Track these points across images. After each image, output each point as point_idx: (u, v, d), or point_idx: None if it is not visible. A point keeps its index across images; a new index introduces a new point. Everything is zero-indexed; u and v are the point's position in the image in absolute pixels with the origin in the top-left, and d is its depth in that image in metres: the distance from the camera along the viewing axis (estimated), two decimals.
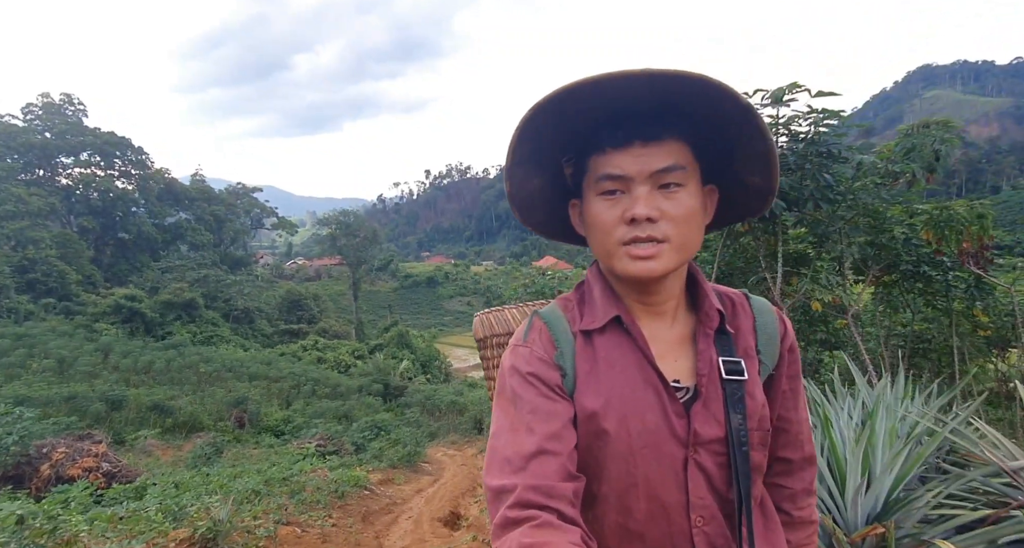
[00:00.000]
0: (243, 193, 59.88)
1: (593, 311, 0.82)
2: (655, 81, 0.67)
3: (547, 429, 0.72)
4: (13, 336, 22.71)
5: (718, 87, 0.68)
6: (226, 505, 2.74)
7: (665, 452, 0.76)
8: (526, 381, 0.76)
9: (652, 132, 0.73)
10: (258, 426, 18.72)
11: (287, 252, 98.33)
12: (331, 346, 36.25)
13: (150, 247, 47.04)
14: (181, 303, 35.86)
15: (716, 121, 0.74)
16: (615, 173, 0.73)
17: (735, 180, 0.81)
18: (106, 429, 13.71)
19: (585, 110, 0.72)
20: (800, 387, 0.89)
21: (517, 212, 0.85)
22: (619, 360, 0.79)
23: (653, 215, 0.72)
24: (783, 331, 0.85)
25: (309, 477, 5.57)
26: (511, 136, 0.74)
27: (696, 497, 0.76)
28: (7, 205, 34.76)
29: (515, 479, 0.68)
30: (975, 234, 3.37)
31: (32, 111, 45.48)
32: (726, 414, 0.77)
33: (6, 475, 4.97)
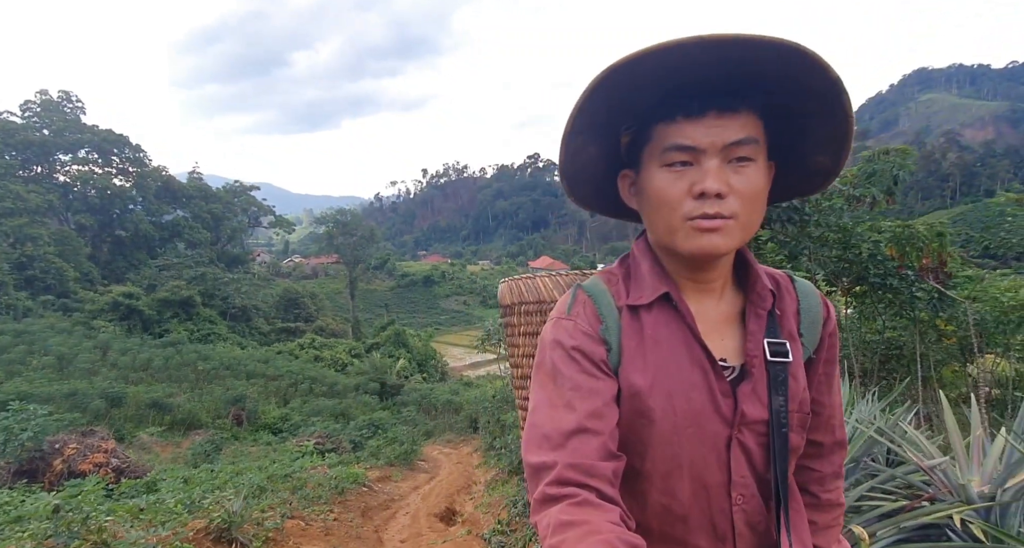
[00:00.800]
0: (240, 191, 59.93)
1: (641, 286, 0.80)
2: (739, 47, 0.63)
3: (588, 406, 0.70)
4: (13, 333, 22.85)
5: (810, 56, 0.64)
6: (239, 498, 2.97)
7: (709, 432, 0.76)
8: (569, 356, 0.75)
9: (729, 102, 0.69)
10: (256, 424, 18.92)
11: (284, 250, 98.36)
12: (328, 344, 36.40)
13: (147, 245, 47.10)
14: (178, 301, 35.95)
15: (797, 94, 0.70)
16: (686, 144, 0.70)
17: (798, 158, 0.79)
18: (106, 426, 13.89)
19: (656, 77, 0.68)
20: (835, 372, 0.88)
21: (565, 183, 0.83)
22: (666, 337, 0.77)
23: (723, 190, 0.69)
24: (826, 315, 0.85)
25: (310, 474, 5.78)
26: (576, 101, 0.70)
27: (738, 476, 0.77)
28: (5, 202, 34.82)
29: (555, 456, 0.67)
30: (935, 251, 3.61)
31: (30, 108, 45.50)
32: (769, 396, 0.77)
33: (20, 470, 5.18)
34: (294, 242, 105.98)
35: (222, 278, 42.64)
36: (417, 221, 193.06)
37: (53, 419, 5.88)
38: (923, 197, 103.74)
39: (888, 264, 3.81)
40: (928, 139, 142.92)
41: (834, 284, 4.17)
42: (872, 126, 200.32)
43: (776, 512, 0.77)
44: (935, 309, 3.98)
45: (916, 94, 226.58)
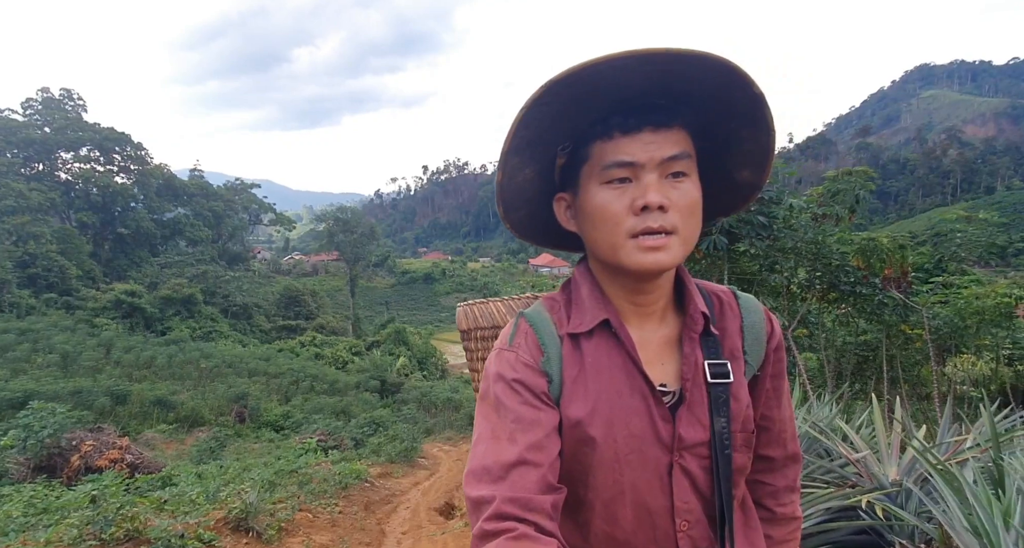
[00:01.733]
0: (241, 189, 60.15)
1: (581, 313, 0.80)
2: (671, 61, 0.64)
3: (529, 439, 0.71)
4: (17, 331, 23.09)
5: (736, 72, 0.66)
6: (254, 491, 3.22)
7: (650, 457, 0.76)
8: (510, 388, 0.75)
9: (663, 118, 0.71)
10: (258, 421, 19.19)
11: (284, 247, 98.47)
12: (329, 342, 36.62)
13: (149, 242, 47.35)
14: (180, 299, 36.25)
15: (721, 109, 0.72)
16: (625, 160, 0.70)
17: (723, 173, 0.80)
18: (112, 423, 14.15)
19: (590, 94, 0.68)
20: (784, 386, 0.88)
21: (501, 207, 0.81)
22: (606, 365, 0.77)
23: (664, 203, 0.70)
24: (770, 331, 0.85)
25: (315, 470, 6.04)
26: (514, 118, 0.70)
27: (681, 501, 0.76)
28: (7, 200, 35.05)
29: (494, 490, 0.67)
30: (897, 262, 3.86)
31: (32, 106, 45.72)
32: (710, 417, 0.77)
33: (39, 465, 5.43)
34: (294, 239, 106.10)
35: (223, 276, 42.92)
36: (417, 218, 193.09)
37: (67, 417, 6.14)
38: (924, 194, 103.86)
39: (856, 274, 4.09)
40: (929, 135, 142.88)
41: (808, 291, 4.45)
42: (874, 122, 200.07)
43: (721, 535, 0.77)
44: (901, 315, 4.26)
45: (918, 90, 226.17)
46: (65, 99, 47.32)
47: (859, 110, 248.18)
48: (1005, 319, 4.53)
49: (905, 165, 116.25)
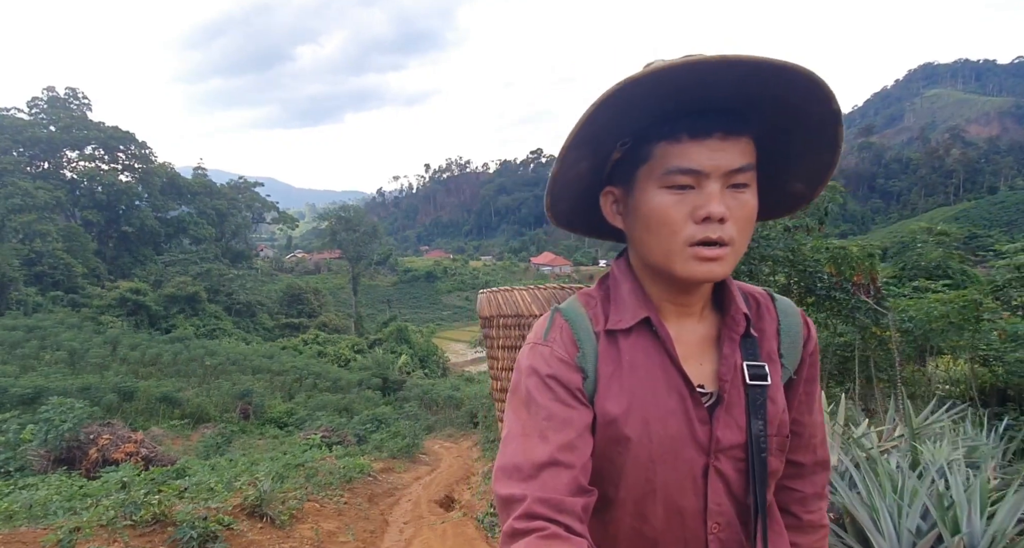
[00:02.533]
0: (244, 187, 60.46)
1: (620, 310, 0.79)
2: (755, 70, 0.63)
3: (561, 438, 0.70)
4: (25, 328, 23.42)
5: (820, 86, 0.64)
6: (267, 480, 3.48)
7: (685, 458, 0.75)
8: (544, 384, 0.74)
9: (733, 125, 0.69)
10: (262, 418, 19.48)
11: (286, 245, 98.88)
12: (331, 340, 36.95)
13: (153, 240, 47.69)
14: (185, 297, 36.57)
15: (792, 121, 0.71)
16: (691, 167, 0.69)
17: (777, 183, 0.79)
18: (119, 419, 14.44)
19: (666, 96, 0.67)
20: (816, 390, 0.87)
21: (549, 198, 0.81)
22: (644, 363, 0.77)
23: (726, 215, 0.69)
24: (807, 335, 0.84)
25: (320, 464, 6.31)
26: (583, 113, 0.68)
27: (714, 504, 0.76)
28: (14, 199, 35.38)
29: (525, 489, 0.66)
30: (867, 269, 4.12)
31: (37, 105, 46.03)
32: (747, 420, 0.76)
33: (59, 457, 5.71)
34: (296, 237, 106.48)
35: (227, 274, 43.25)
36: (419, 216, 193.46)
37: (84, 412, 6.41)
38: (926, 194, 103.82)
39: (829, 280, 4.34)
40: (933, 135, 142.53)
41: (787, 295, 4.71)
42: (877, 122, 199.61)
43: (753, 539, 0.75)
44: (873, 318, 4.52)
45: (921, 89, 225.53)
46: (70, 98, 47.64)
47: (862, 109, 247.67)
48: (971, 322, 4.79)
49: (908, 165, 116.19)
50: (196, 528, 2.63)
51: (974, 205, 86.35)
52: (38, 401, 15.55)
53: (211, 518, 2.76)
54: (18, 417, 6.37)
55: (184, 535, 2.56)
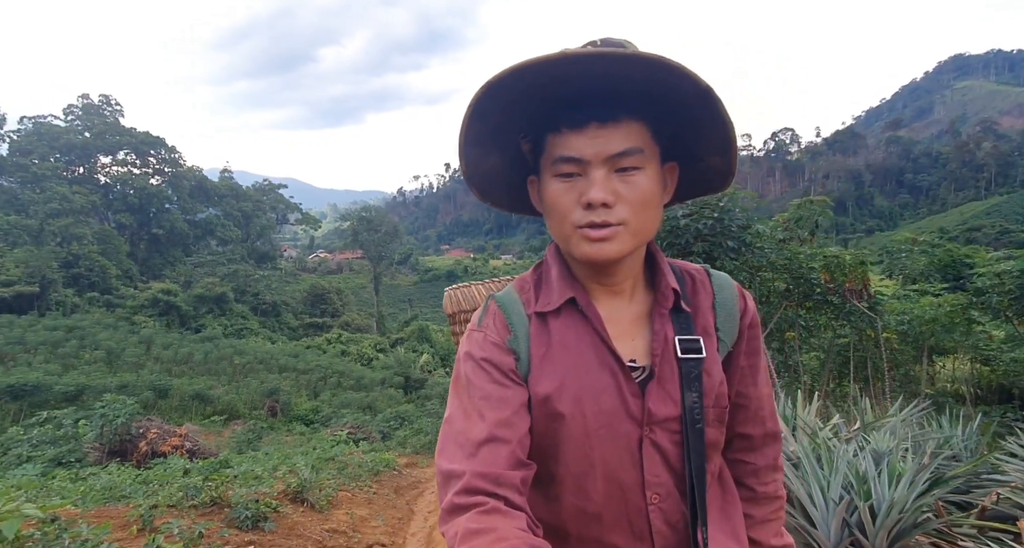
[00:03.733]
0: (269, 189, 61.78)
1: (549, 293, 0.82)
2: (612, 62, 0.65)
3: (498, 416, 0.72)
4: (65, 328, 24.48)
5: (676, 69, 0.66)
6: (307, 470, 3.87)
7: (620, 432, 0.76)
8: (479, 367, 0.76)
9: (609, 113, 0.71)
10: (289, 415, 20.13)
11: (309, 245, 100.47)
12: (354, 339, 37.60)
13: (182, 242, 49.07)
14: (213, 297, 37.60)
15: (675, 103, 0.72)
16: (571, 155, 0.72)
17: (696, 159, 0.81)
18: (156, 415, 15.12)
19: (540, 89, 0.70)
20: (760, 363, 0.89)
21: (475, 190, 0.85)
22: (574, 342, 0.79)
23: (609, 200, 0.71)
24: (743, 307, 0.85)
25: (349, 457, 6.72)
26: (463, 115, 0.72)
27: (651, 475, 0.77)
28: (52, 203, 36.80)
29: (464, 465, 0.68)
30: (859, 277, 4.37)
31: (73, 111, 47.77)
32: (681, 393, 0.77)
33: (112, 450, 6.21)
34: (319, 237, 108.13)
35: (253, 275, 44.31)
36: (440, 215, 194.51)
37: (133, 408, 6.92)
38: (956, 188, 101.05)
39: (824, 286, 4.59)
40: (963, 128, 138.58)
41: (787, 300, 4.97)
42: (906, 115, 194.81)
43: (692, 509, 0.77)
44: (868, 322, 4.76)
45: (952, 81, 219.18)
46: (104, 105, 49.31)
47: (890, 102, 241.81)
48: (962, 325, 5.00)
49: (937, 159, 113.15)
50: (249, 509, 3.01)
51: (1006, 199, 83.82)
52: (80, 398, 16.41)
53: (261, 501, 3.15)
54: (74, 413, 6.92)
55: (240, 514, 2.94)
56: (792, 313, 4.96)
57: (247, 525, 2.93)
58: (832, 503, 2.01)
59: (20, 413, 15.68)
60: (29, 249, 31.88)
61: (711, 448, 0.81)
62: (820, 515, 2.01)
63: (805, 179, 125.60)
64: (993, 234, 64.77)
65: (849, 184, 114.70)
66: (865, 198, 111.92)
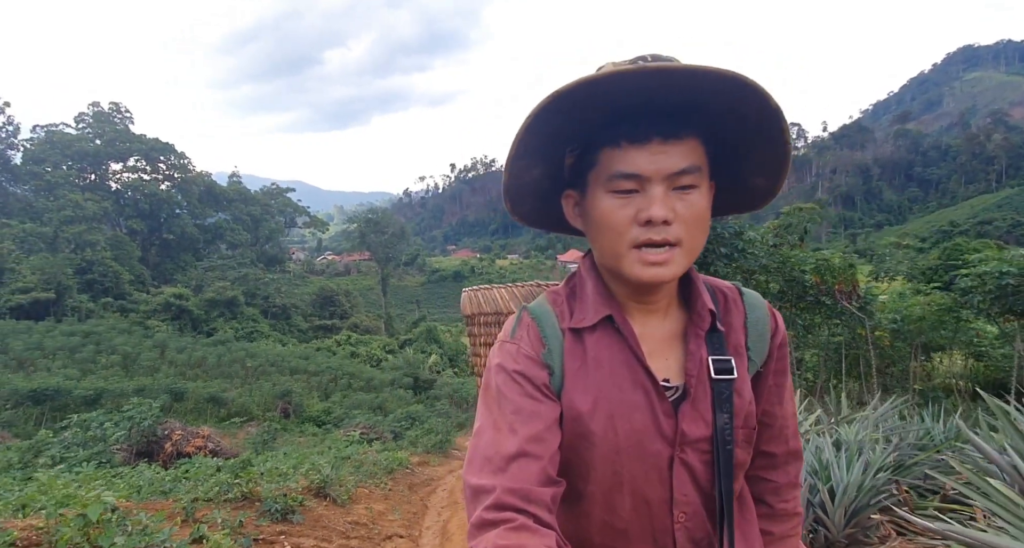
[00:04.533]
0: (277, 193, 62.40)
1: (584, 308, 0.81)
2: (682, 76, 0.65)
3: (530, 431, 0.72)
4: (82, 334, 24.95)
5: (750, 86, 0.66)
6: (329, 467, 4.12)
7: (651, 451, 0.76)
8: (512, 379, 0.76)
9: (672, 129, 0.71)
10: (301, 416, 20.45)
11: (317, 247, 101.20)
12: (363, 341, 37.95)
13: (192, 247, 49.71)
14: (224, 301, 38.09)
15: (737, 120, 0.72)
16: (631, 171, 0.71)
17: (737, 179, 0.81)
18: (173, 418, 15.44)
19: (601, 102, 0.69)
20: (786, 382, 0.89)
21: (508, 202, 0.84)
22: (608, 359, 0.78)
23: (669, 217, 0.70)
24: (774, 327, 0.85)
25: (364, 456, 6.98)
26: (520, 126, 0.70)
27: (680, 494, 0.77)
28: (66, 210, 37.43)
29: (494, 480, 0.68)
30: (848, 278, 4.60)
31: (84, 119, 48.51)
32: (713, 413, 0.77)
33: (139, 451, 6.50)
34: (326, 239, 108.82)
35: (263, 278, 44.81)
36: (446, 216, 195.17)
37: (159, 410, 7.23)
38: (966, 181, 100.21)
39: (815, 287, 4.82)
40: (973, 120, 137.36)
41: (780, 301, 5.20)
42: (914, 108, 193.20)
43: (720, 529, 0.77)
44: (859, 322, 4.98)
45: (961, 73, 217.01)
46: (114, 112, 50.03)
47: (898, 95, 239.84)
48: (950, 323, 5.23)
49: (947, 151, 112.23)
50: (278, 503, 3.26)
51: (1018, 192, 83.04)
52: (99, 401, 16.82)
53: (288, 496, 3.40)
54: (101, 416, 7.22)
55: (270, 507, 3.20)
56: (788, 313, 5.19)
57: (277, 517, 3.18)
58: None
59: (43, 416, 16.10)
60: (45, 256, 32.46)
61: (739, 468, 0.81)
62: None
63: (812, 174, 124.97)
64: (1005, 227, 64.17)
65: (857, 178, 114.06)
66: (874, 192, 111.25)
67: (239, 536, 2.63)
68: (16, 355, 21.19)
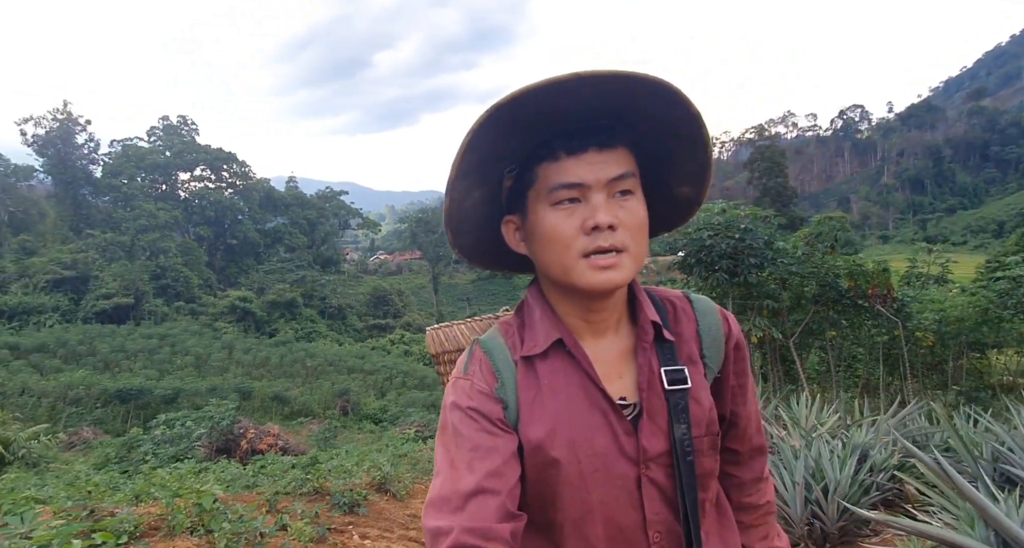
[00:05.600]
0: (331, 196, 64.67)
1: (534, 336, 0.81)
2: (611, 83, 0.66)
3: (487, 467, 0.71)
4: (158, 336, 26.90)
5: (672, 91, 0.68)
6: (389, 464, 4.54)
7: (616, 472, 0.76)
8: (467, 416, 0.75)
9: (606, 139, 0.72)
10: (359, 414, 21.38)
11: (370, 247, 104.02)
12: (416, 340, 38.83)
13: (254, 251, 52.22)
14: (284, 302, 39.95)
15: (661, 128, 0.74)
16: (572, 181, 0.72)
17: (664, 189, 0.82)
18: (241, 416, 16.47)
19: (534, 117, 0.70)
20: (748, 382, 0.89)
21: (449, 232, 0.82)
22: (563, 384, 0.78)
23: (614, 222, 0.71)
24: (727, 331, 0.85)
25: (420, 454, 7.41)
26: (461, 142, 0.70)
27: (652, 513, 0.77)
28: (141, 220, 40.18)
29: (452, 520, 0.67)
30: (882, 283, 4.67)
31: (155, 133, 51.86)
32: (670, 425, 0.77)
33: (218, 448, 7.19)
34: (378, 239, 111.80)
35: (319, 280, 46.62)
36: None
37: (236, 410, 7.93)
38: None
39: (848, 292, 4.91)
40: None
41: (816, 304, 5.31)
42: (990, 83, 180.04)
43: (688, 541, 0.77)
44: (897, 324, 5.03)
45: None
46: (181, 125, 53.24)
47: (972, 70, 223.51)
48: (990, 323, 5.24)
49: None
50: (345, 497, 3.68)
51: None
52: (176, 400, 18.21)
53: (354, 491, 3.81)
54: (184, 416, 7.99)
55: (339, 501, 3.61)
56: (828, 314, 5.29)
57: (345, 510, 3.60)
58: (796, 485, 2.58)
59: (128, 414, 17.58)
60: (124, 263, 35.02)
61: (707, 477, 0.81)
62: (788, 495, 2.59)
63: (877, 158, 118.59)
64: None
65: (927, 161, 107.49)
66: (945, 175, 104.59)
67: (316, 525, 3.03)
68: (103, 357, 23.11)
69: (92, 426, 15.22)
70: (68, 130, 42.68)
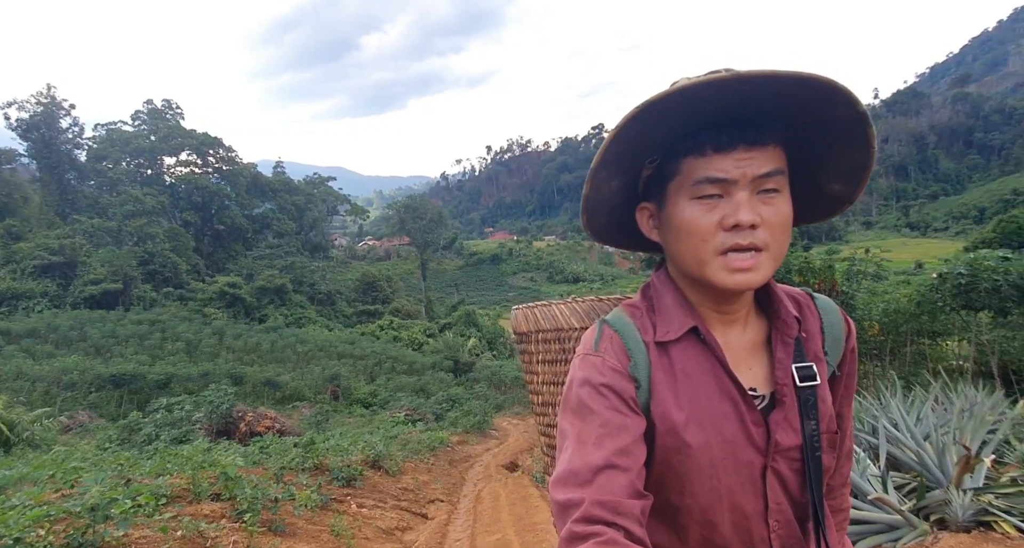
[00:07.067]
0: (319, 182, 64.37)
1: (667, 321, 0.80)
2: (768, 83, 0.65)
3: (617, 444, 0.71)
4: (148, 322, 27.00)
5: (841, 91, 0.66)
6: (382, 444, 4.97)
7: (743, 461, 0.76)
8: (598, 393, 0.74)
9: (756, 136, 0.71)
10: (349, 398, 21.79)
11: (357, 232, 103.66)
12: (404, 325, 39.26)
13: (242, 237, 52.01)
14: (273, 288, 40.00)
15: (818, 126, 0.73)
16: (718, 176, 0.71)
17: (813, 186, 0.81)
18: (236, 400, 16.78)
19: (686, 111, 0.69)
20: (854, 384, 0.90)
21: (585, 216, 0.84)
22: (696, 371, 0.78)
23: (756, 221, 0.70)
24: (847, 331, 0.86)
25: (409, 436, 7.87)
26: (609, 134, 0.71)
27: (774, 503, 0.78)
28: (128, 205, 39.89)
29: (582, 493, 0.67)
30: (828, 279, 5.14)
31: (140, 117, 51.18)
32: (801, 421, 0.78)
33: (218, 430, 7.58)
34: (366, 224, 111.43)
35: (308, 266, 46.66)
36: (483, 198, 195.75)
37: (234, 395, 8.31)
38: None
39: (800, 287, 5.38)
40: None
41: None
42: (975, 69, 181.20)
43: (816, 534, 0.78)
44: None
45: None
46: (166, 109, 52.55)
47: (957, 56, 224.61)
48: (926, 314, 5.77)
49: (1012, 115, 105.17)
50: (343, 472, 4.11)
51: None
52: (169, 385, 18.49)
53: (351, 467, 4.24)
54: (184, 400, 8.33)
55: (337, 475, 4.04)
56: None
57: (343, 483, 4.03)
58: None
59: (122, 399, 17.86)
60: (111, 249, 34.88)
61: (826, 474, 0.82)
62: None
63: None
64: None
65: (911, 147, 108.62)
66: (929, 161, 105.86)
67: (319, 494, 3.46)
68: (94, 342, 23.26)
69: (87, 410, 15.51)
70: (52, 114, 42.01)
